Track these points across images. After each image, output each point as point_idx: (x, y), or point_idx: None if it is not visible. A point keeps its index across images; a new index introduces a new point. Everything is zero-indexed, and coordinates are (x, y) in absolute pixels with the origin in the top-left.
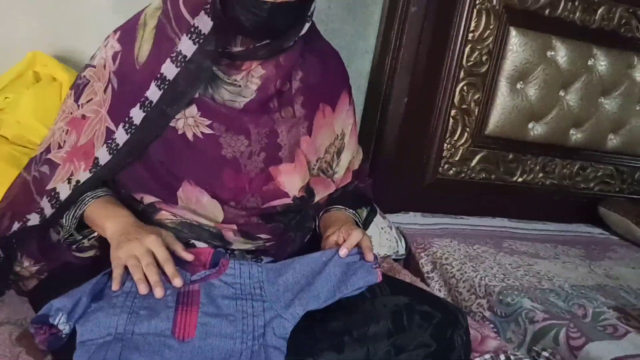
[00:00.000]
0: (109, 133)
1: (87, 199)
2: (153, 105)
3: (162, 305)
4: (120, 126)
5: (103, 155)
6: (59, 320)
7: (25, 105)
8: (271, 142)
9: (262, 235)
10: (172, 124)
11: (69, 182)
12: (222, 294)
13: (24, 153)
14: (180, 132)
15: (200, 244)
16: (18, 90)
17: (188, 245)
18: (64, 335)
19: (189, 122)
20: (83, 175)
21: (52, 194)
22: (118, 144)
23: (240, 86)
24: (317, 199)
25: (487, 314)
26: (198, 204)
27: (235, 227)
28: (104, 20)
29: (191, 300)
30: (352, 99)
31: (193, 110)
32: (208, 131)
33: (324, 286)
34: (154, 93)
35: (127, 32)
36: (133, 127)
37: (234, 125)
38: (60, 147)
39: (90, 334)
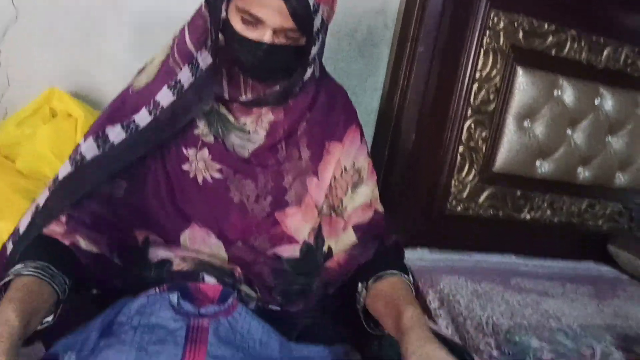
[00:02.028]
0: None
1: (20, 267)
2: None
3: (171, 342)
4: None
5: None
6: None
7: (42, 139)
8: (277, 186)
9: (267, 281)
10: (185, 167)
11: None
12: (228, 339)
13: (38, 187)
14: (191, 175)
15: (209, 279)
16: (35, 125)
17: (199, 279)
18: None
19: (200, 165)
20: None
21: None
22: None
23: (249, 132)
24: (326, 245)
25: (495, 352)
26: (204, 244)
27: (239, 269)
28: (121, 59)
29: (200, 338)
30: (363, 138)
31: (204, 153)
32: (217, 175)
33: None
34: (143, 118)
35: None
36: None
37: (242, 170)
38: None
39: None
